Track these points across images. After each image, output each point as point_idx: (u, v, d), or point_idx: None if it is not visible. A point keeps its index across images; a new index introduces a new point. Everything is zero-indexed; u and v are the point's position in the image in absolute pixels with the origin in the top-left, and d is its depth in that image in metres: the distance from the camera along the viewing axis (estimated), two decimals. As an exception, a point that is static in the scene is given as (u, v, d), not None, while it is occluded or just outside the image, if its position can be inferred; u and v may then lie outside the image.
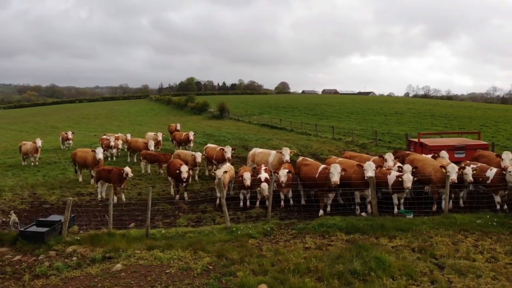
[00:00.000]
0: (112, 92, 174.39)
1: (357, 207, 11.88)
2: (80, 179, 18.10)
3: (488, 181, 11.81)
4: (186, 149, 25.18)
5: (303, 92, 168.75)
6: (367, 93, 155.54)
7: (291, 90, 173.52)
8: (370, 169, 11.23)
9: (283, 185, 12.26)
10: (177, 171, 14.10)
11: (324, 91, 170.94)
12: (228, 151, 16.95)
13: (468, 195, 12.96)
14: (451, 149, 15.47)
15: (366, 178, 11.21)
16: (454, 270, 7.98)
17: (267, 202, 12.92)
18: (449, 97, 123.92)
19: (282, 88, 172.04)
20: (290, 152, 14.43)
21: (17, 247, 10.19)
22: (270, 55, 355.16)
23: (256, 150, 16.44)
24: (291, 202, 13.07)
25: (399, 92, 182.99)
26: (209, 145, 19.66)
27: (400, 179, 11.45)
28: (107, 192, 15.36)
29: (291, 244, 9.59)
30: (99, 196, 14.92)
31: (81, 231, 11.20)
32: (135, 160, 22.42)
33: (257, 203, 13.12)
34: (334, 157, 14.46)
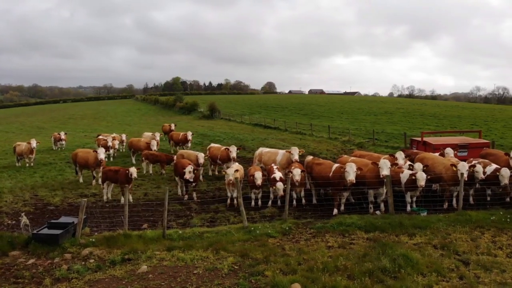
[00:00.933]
0: (96, 92, 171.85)
1: (371, 205, 11.96)
2: (81, 180, 17.76)
3: (484, 176, 12.05)
4: (183, 149, 25.02)
5: (290, 92, 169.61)
6: (353, 93, 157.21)
7: (278, 90, 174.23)
8: (385, 167, 11.29)
9: (297, 184, 12.25)
10: (184, 171, 13.95)
11: (310, 91, 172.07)
12: (234, 151, 16.88)
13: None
14: (454, 147, 15.67)
15: (381, 176, 11.28)
16: (479, 266, 8.11)
17: (279, 202, 12.99)
18: (434, 97, 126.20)
19: (269, 88, 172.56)
20: (299, 152, 14.45)
21: (29, 250, 9.92)
22: (255, 55, 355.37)
23: (263, 150, 16.39)
24: (303, 201, 13.08)
25: (384, 92, 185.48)
26: (212, 144, 19.53)
27: (413, 177, 11.57)
28: (116, 193, 15.15)
29: (312, 243, 9.59)
30: (104, 197, 14.66)
31: (95, 233, 10.98)
32: (134, 161, 22.07)
33: (270, 202, 13.10)
34: (346, 156, 14.54)
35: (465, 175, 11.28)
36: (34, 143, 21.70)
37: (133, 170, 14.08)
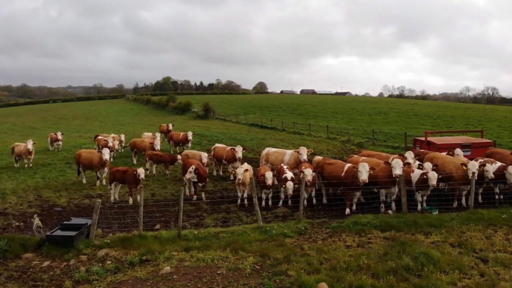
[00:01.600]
0: (86, 92, 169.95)
1: (382, 205, 12.06)
2: (84, 181, 17.58)
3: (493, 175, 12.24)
4: (184, 149, 24.93)
5: (281, 92, 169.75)
6: (344, 93, 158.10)
7: (269, 90, 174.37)
8: (398, 167, 11.39)
9: (308, 184, 12.29)
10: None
11: (302, 91, 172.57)
12: (239, 151, 16.89)
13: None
14: (457, 147, 15.88)
15: (394, 175, 11.37)
16: (498, 263, 8.24)
17: (289, 202, 13.02)
18: (424, 97, 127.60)
19: (260, 88, 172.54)
20: (308, 152, 14.51)
21: (43, 252, 9.80)
22: (245, 55, 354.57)
23: (270, 150, 16.43)
24: (314, 201, 13.13)
25: (373, 92, 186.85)
26: (217, 145, 19.49)
27: (424, 177, 11.70)
28: (123, 194, 15.01)
29: (330, 242, 9.63)
30: (112, 198, 14.52)
31: (109, 234, 10.88)
32: (135, 162, 21.91)
33: (280, 202, 13.13)
34: (356, 156, 14.62)
35: (476, 174, 11.44)
36: (30, 144, 21.36)
37: (141, 171, 14.02)
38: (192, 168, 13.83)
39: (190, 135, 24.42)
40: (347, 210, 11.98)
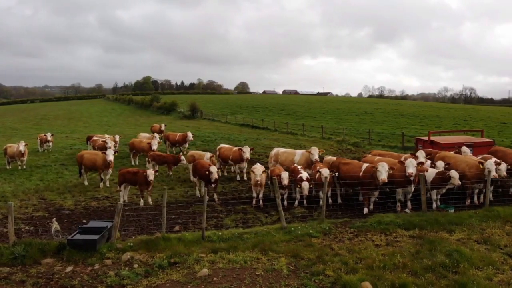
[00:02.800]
0: (63, 92, 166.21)
1: (398, 204, 12.23)
2: (86, 182, 17.14)
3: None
4: (180, 150, 24.70)
5: (264, 92, 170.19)
6: (326, 94, 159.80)
7: (251, 90, 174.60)
8: (411, 166, 11.57)
9: (325, 183, 12.33)
10: (207, 172, 13.79)
11: (284, 92, 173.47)
12: (247, 151, 16.82)
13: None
14: (460, 146, 16.26)
15: (407, 174, 11.55)
16: (525, 259, 8.48)
17: (305, 202, 13.07)
18: (403, 97, 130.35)
19: (242, 88, 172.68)
20: (319, 152, 14.58)
21: (63, 257, 9.46)
22: (224, 55, 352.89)
23: (280, 150, 16.40)
24: (330, 201, 13.20)
25: (353, 92, 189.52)
26: (222, 145, 19.33)
27: (440, 176, 11.94)
28: (129, 196, 14.72)
29: (358, 242, 9.68)
30: (121, 199, 14.20)
31: (131, 237, 10.64)
32: (133, 163, 21.53)
33: (296, 202, 13.15)
34: (370, 155, 14.74)
35: (493, 173, 11.75)
36: (22, 146, 20.65)
37: (150, 173, 13.80)
38: (215, 169, 13.77)
39: (190, 135, 24.10)
40: (365, 210, 12.10)
